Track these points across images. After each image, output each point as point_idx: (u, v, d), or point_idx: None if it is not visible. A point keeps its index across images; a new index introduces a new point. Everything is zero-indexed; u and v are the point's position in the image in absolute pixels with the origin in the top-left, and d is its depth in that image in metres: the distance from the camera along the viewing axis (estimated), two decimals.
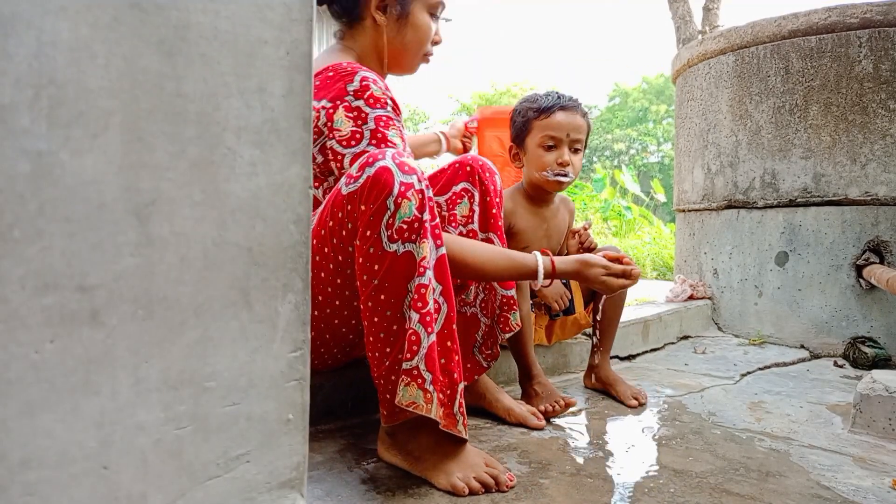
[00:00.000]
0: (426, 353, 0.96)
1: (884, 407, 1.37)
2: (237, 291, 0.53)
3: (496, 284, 1.37)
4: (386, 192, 0.96)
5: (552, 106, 1.53)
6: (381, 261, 0.98)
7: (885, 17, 2.22)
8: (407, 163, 0.99)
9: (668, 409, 1.54)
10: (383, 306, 0.99)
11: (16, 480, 0.44)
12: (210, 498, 0.53)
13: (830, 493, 1.06)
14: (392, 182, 0.96)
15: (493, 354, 1.40)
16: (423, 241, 0.97)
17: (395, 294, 0.98)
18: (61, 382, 0.45)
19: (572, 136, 1.53)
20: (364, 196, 0.98)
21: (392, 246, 0.97)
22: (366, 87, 1.12)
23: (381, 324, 1.00)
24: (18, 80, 0.42)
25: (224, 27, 0.51)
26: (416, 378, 0.96)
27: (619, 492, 1.04)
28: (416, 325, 0.96)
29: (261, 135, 0.54)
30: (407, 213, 0.96)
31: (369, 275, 0.99)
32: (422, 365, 0.96)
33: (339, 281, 1.09)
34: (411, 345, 0.96)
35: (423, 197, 0.98)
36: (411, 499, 0.97)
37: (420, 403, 0.97)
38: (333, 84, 1.14)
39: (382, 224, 0.97)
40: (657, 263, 4.61)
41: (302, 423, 0.59)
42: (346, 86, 1.12)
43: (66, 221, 0.45)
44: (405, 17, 1.26)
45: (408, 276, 0.98)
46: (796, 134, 2.35)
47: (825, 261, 2.29)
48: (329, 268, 1.08)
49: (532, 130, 1.55)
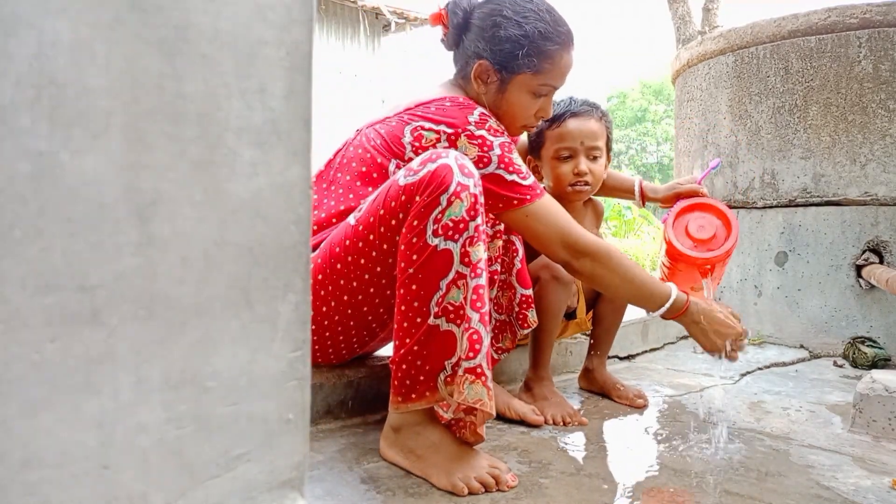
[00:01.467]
0: (486, 352, 1.00)
1: (884, 407, 1.37)
2: (238, 291, 0.53)
3: (516, 284, 1.43)
4: (442, 188, 0.99)
5: (562, 114, 1.47)
6: (421, 252, 1.01)
7: (884, 17, 2.22)
8: (467, 166, 1.03)
9: (667, 409, 1.54)
10: (412, 296, 1.02)
11: (16, 480, 0.44)
12: (210, 497, 0.53)
13: (830, 493, 1.06)
14: (450, 180, 1.00)
15: (503, 347, 1.46)
16: (476, 244, 1.01)
17: (427, 287, 1.01)
18: (62, 382, 0.45)
19: (587, 143, 1.47)
20: (421, 189, 1.01)
21: (434, 240, 1.00)
22: (485, 120, 1.19)
23: (406, 313, 1.03)
24: (19, 80, 0.42)
25: (225, 27, 0.51)
26: (479, 376, 0.99)
27: (619, 491, 1.04)
28: (477, 325, 1.00)
29: (261, 135, 0.54)
30: (457, 212, 1.00)
31: (407, 263, 1.02)
32: (484, 363, 1.00)
33: (378, 269, 1.11)
34: (473, 343, 1.00)
35: (475, 201, 1.01)
36: (411, 498, 0.98)
37: (485, 401, 1.00)
38: (454, 113, 1.18)
39: (431, 217, 1.00)
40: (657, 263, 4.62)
41: (302, 422, 0.59)
42: (466, 115, 1.18)
43: (67, 221, 0.45)
44: (503, 93, 1.26)
45: (442, 272, 1.01)
46: (796, 134, 2.35)
47: (825, 261, 2.29)
48: (371, 255, 1.09)
49: (546, 142, 1.49)
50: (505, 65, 1.22)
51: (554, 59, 1.23)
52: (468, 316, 1.00)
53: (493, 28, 1.21)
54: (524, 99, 1.25)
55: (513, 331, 1.45)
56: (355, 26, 9.52)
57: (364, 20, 9.56)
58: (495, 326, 1.45)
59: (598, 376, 1.63)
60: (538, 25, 1.20)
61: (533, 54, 1.21)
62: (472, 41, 1.24)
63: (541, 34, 1.20)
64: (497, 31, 1.21)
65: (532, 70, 1.22)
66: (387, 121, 1.24)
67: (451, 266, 1.00)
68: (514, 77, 1.23)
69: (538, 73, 1.23)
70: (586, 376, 1.66)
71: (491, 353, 1.42)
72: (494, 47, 1.21)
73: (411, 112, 1.21)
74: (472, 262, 1.01)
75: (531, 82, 1.23)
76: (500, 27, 1.21)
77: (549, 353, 1.50)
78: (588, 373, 1.66)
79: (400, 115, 1.22)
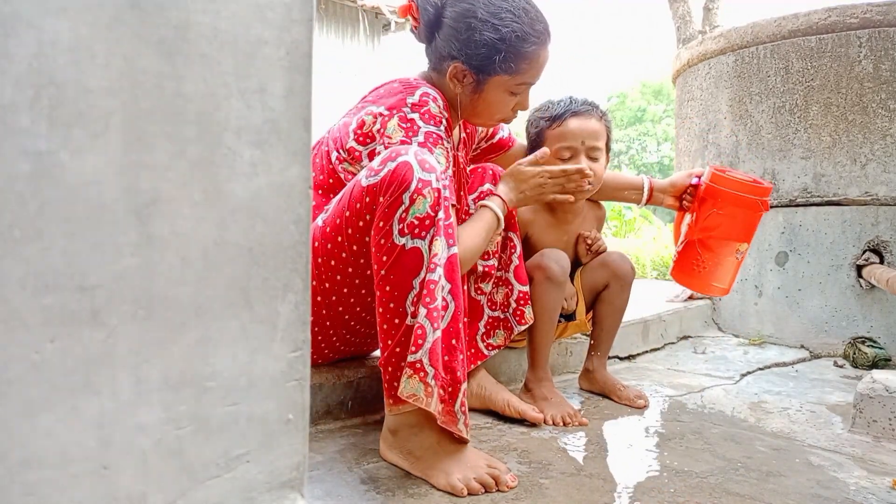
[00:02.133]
0: (430, 348, 0.98)
1: (884, 407, 1.37)
2: (237, 291, 0.53)
3: (514, 280, 1.44)
4: (404, 187, 0.99)
5: (563, 113, 1.45)
6: (390, 252, 1.00)
7: (885, 17, 2.22)
8: (428, 161, 1.02)
9: (668, 409, 1.54)
10: (388, 297, 1.02)
11: (16, 480, 0.44)
12: (210, 498, 0.53)
13: (830, 492, 1.06)
14: (411, 178, 0.99)
15: (495, 344, 1.45)
16: (435, 240, 1.00)
17: (400, 287, 1.00)
18: (61, 382, 0.45)
19: (588, 143, 1.45)
20: (383, 189, 1.01)
21: (401, 239, 0.99)
22: (424, 103, 1.15)
23: (385, 314, 1.03)
24: (18, 80, 0.42)
25: (224, 27, 0.51)
26: (418, 371, 0.98)
27: (619, 492, 1.04)
28: (423, 320, 0.99)
29: (261, 135, 0.54)
30: (420, 209, 0.99)
31: (378, 265, 1.02)
32: (425, 359, 0.98)
33: (350, 270, 1.11)
34: (417, 338, 0.99)
35: (438, 196, 1.00)
36: (411, 499, 0.97)
37: (420, 396, 0.99)
38: (395, 94, 1.17)
39: (396, 217, 0.99)
40: (657, 263, 4.60)
41: (302, 423, 0.59)
42: (406, 98, 1.16)
43: (67, 221, 0.45)
44: (479, 92, 1.23)
45: (414, 271, 1.00)
46: (796, 134, 2.35)
47: (825, 261, 2.29)
48: (341, 256, 1.09)
49: (546, 141, 1.47)
50: (481, 68, 1.19)
51: (531, 59, 1.20)
52: (417, 310, 0.99)
53: (467, 31, 1.17)
54: (501, 97, 1.24)
55: (507, 327, 1.45)
56: (355, 26, 9.52)
57: (364, 19, 9.56)
58: (488, 322, 1.45)
59: (599, 377, 1.62)
60: (514, 27, 1.16)
61: (510, 58, 1.18)
62: (446, 41, 1.20)
63: (518, 37, 1.17)
64: (472, 35, 1.16)
65: (509, 73, 1.20)
66: (349, 112, 1.25)
67: (423, 264, 1.00)
68: (491, 78, 1.21)
69: (516, 74, 1.21)
70: (587, 377, 1.66)
71: (480, 347, 1.42)
72: (470, 51, 1.17)
73: (366, 99, 1.23)
74: (430, 257, 1.00)
75: (508, 82, 1.22)
76: (474, 30, 1.16)
77: (546, 353, 1.50)
78: (588, 373, 1.65)
79: (358, 105, 1.24)
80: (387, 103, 1.17)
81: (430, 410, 1.00)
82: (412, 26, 1.27)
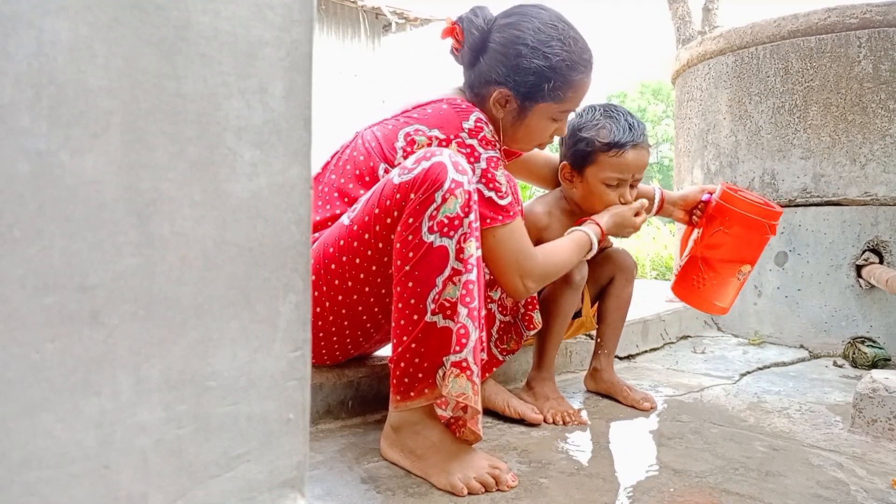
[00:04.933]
0: (473, 347, 1.00)
1: (884, 407, 1.37)
2: (238, 291, 0.53)
3: None
4: (437, 186, 1.00)
5: (625, 144, 1.40)
6: (417, 249, 1.01)
7: (884, 17, 2.22)
8: (461, 163, 1.03)
9: (667, 408, 1.54)
10: (409, 293, 1.03)
11: (16, 480, 0.44)
12: (210, 497, 0.53)
13: (830, 492, 1.06)
14: (445, 177, 1.00)
15: (508, 349, 1.46)
16: (468, 240, 1.02)
17: (423, 284, 1.02)
18: (61, 382, 0.45)
19: (637, 175, 1.45)
20: (416, 186, 1.02)
21: (430, 237, 1.01)
22: (479, 129, 1.17)
23: (403, 310, 1.04)
24: (18, 80, 0.42)
25: (224, 27, 0.51)
26: (465, 370, 1.00)
27: (619, 491, 1.04)
28: (465, 319, 1.00)
29: (261, 135, 0.54)
30: (451, 209, 1.00)
31: (403, 260, 1.03)
32: (470, 357, 1.00)
33: (373, 268, 1.11)
34: (460, 338, 1.00)
35: (469, 198, 1.02)
36: (411, 498, 0.98)
37: (469, 395, 1.00)
38: (448, 118, 1.17)
39: (426, 214, 1.01)
40: (657, 263, 4.61)
41: (302, 422, 0.59)
42: (461, 122, 1.16)
43: (66, 221, 0.45)
44: (521, 119, 1.23)
45: (438, 269, 1.01)
46: (796, 134, 2.35)
47: (825, 261, 2.29)
48: (367, 254, 1.10)
49: (597, 163, 1.43)
50: (528, 95, 1.19)
51: (577, 87, 1.21)
52: (458, 310, 1.01)
53: (516, 58, 1.16)
54: (543, 124, 1.24)
55: (518, 332, 1.46)
56: (355, 26, 9.52)
57: (364, 20, 9.56)
58: (500, 328, 1.45)
59: (606, 377, 1.61)
60: (564, 56, 1.17)
61: (558, 87, 1.18)
62: (491, 66, 1.19)
63: (567, 66, 1.17)
64: (521, 62, 1.16)
65: (556, 101, 1.20)
66: (384, 123, 1.23)
67: (447, 262, 1.01)
68: (536, 106, 1.21)
69: (562, 102, 1.21)
70: (594, 377, 1.65)
71: (494, 353, 1.43)
72: (518, 77, 1.17)
73: (408, 114, 1.20)
74: (465, 258, 1.01)
75: (553, 109, 1.22)
76: (523, 57, 1.16)
77: (554, 353, 1.51)
78: (596, 373, 1.64)
79: (397, 118, 1.21)
80: (440, 126, 1.16)
81: (478, 409, 1.02)
82: (453, 48, 1.26)
